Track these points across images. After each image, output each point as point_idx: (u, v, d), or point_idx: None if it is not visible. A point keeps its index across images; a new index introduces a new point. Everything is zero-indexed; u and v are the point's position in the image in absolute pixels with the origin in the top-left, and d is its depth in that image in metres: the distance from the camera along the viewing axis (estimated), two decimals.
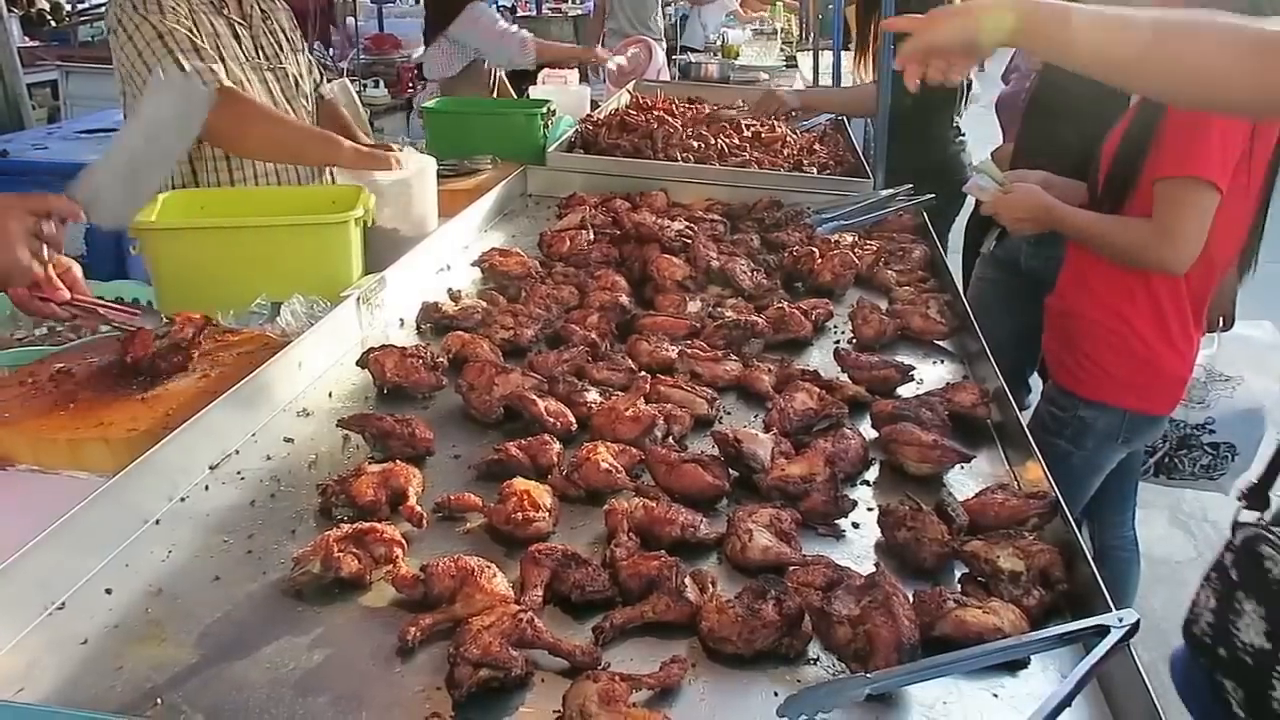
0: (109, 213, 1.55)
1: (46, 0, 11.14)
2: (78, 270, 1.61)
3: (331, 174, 2.33)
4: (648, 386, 1.59)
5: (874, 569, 1.14)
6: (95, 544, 1.17)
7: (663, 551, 1.19)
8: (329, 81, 2.86)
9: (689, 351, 1.78)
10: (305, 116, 2.60)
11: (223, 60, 2.31)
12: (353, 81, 7.37)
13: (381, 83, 7.68)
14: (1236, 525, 1.56)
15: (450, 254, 2.31)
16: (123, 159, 1.55)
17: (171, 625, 1.08)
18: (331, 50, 8.83)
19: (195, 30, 2.28)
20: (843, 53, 4.91)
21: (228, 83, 2.27)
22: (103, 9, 10.49)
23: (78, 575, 1.14)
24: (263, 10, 2.53)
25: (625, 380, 1.72)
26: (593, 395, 1.60)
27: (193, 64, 2.22)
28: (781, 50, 6.78)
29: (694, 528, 1.27)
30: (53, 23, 9.84)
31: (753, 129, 3.33)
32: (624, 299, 2.01)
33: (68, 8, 9.65)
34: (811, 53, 5.71)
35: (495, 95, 4.64)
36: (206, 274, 1.90)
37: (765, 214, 2.60)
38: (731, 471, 1.40)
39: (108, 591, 1.13)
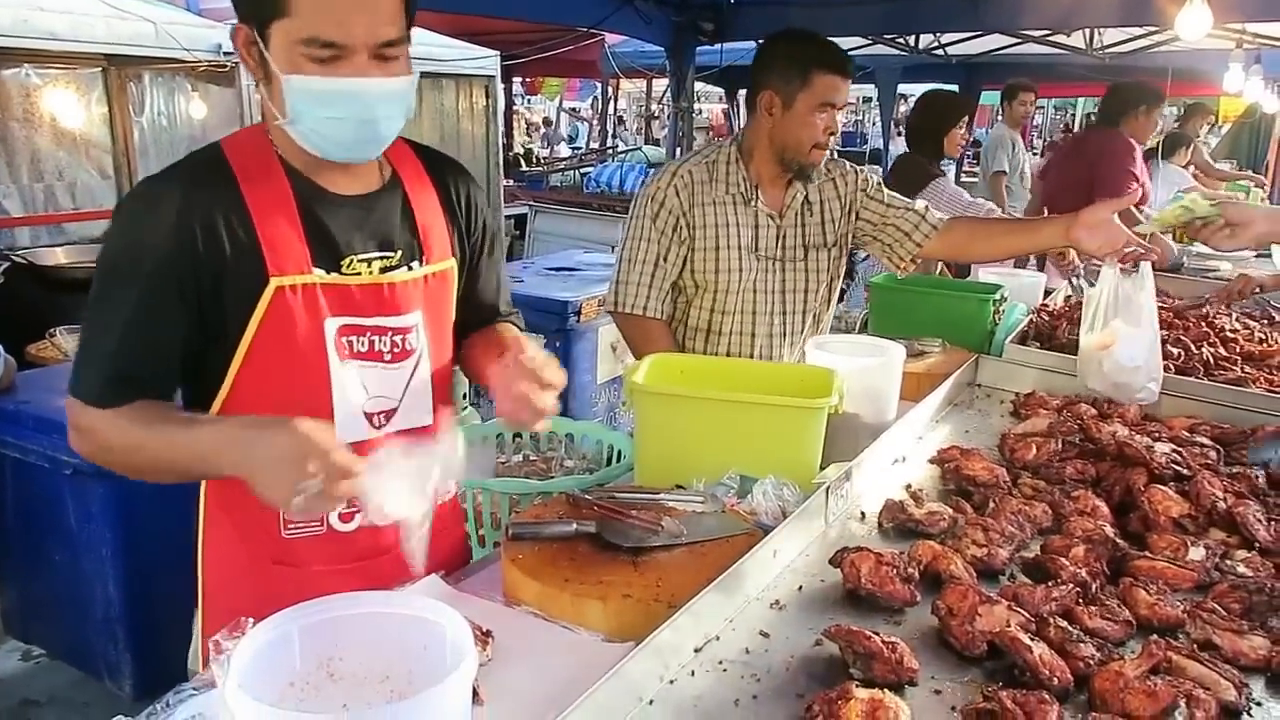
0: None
1: (522, 147, 13.20)
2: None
3: (804, 353, 2.40)
4: (1162, 654, 1.39)
5: None
6: (607, 716, 1.22)
7: None
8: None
9: (1203, 615, 1.54)
10: (808, 310, 2.72)
11: (716, 248, 2.54)
12: None
13: None
14: None
15: (905, 444, 2.26)
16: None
17: None
18: None
19: (692, 223, 2.50)
20: None
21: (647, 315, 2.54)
22: (569, 160, 12.24)
23: None
24: (809, 203, 2.61)
25: (1120, 634, 1.52)
26: (1089, 649, 1.43)
27: (627, 297, 2.52)
28: None
29: None
30: (525, 166, 11.62)
31: (1241, 339, 2.95)
32: (1109, 531, 1.81)
33: (544, 154, 11.29)
34: None
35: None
36: (684, 439, 2.01)
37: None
38: None
39: None
